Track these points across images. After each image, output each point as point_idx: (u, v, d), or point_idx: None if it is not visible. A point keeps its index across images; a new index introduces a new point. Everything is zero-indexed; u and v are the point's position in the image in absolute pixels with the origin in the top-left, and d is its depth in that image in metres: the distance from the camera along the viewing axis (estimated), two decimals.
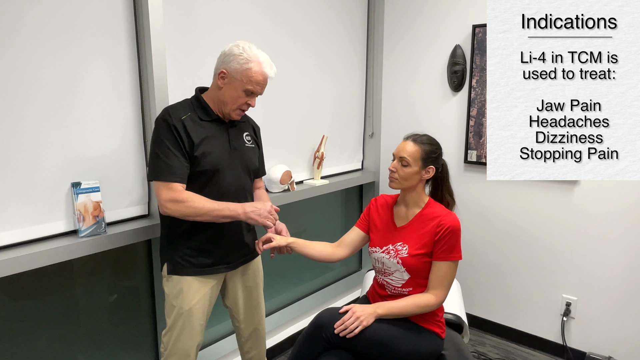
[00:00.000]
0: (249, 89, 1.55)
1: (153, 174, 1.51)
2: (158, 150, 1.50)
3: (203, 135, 1.56)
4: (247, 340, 1.86)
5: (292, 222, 1.85)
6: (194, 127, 1.54)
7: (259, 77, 1.55)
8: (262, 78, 1.56)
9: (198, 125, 1.56)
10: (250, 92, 1.56)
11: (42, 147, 1.55)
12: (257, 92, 1.58)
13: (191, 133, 1.52)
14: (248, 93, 1.56)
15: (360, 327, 1.49)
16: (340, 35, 2.82)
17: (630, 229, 2.31)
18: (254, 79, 1.54)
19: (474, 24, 2.62)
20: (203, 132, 1.56)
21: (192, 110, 1.58)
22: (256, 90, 1.57)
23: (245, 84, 1.54)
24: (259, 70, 1.54)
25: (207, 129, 1.58)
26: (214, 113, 1.61)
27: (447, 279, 1.60)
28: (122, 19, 1.72)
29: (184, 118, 1.54)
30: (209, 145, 1.56)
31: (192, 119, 1.56)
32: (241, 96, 1.56)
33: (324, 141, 2.68)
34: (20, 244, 1.55)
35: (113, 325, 1.97)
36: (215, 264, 1.64)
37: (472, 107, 2.69)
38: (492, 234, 2.76)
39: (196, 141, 1.53)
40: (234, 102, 1.57)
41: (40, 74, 1.52)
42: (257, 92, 1.58)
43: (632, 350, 2.36)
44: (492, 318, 2.84)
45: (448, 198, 1.74)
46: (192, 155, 1.53)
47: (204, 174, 1.56)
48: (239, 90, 1.55)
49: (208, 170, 1.55)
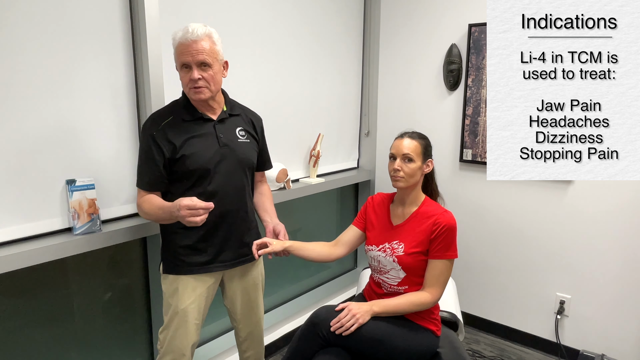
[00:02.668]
0: (180, 62, 1.50)
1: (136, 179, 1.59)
2: (138, 156, 1.58)
3: (186, 136, 1.54)
4: (244, 340, 1.86)
5: (287, 220, 1.84)
6: (176, 130, 1.52)
7: (183, 48, 1.48)
8: (186, 45, 1.47)
9: (180, 127, 1.54)
10: (185, 65, 1.50)
11: (37, 144, 1.54)
12: (189, 61, 1.48)
13: (172, 137, 1.51)
14: (183, 67, 1.51)
15: (356, 325, 1.49)
16: (336, 34, 2.82)
17: (623, 228, 2.33)
18: (179, 50, 1.49)
19: (470, 23, 2.63)
20: (186, 133, 1.54)
21: (177, 112, 1.57)
22: (187, 61, 1.48)
23: (178, 62, 1.51)
24: (182, 41, 1.48)
25: (192, 129, 1.56)
26: (198, 112, 1.58)
27: (442, 277, 1.60)
28: (118, 18, 1.71)
29: (165, 123, 1.53)
30: (194, 145, 1.54)
31: (175, 121, 1.55)
32: (183, 76, 1.52)
33: (320, 139, 2.68)
34: (14, 241, 1.53)
35: (108, 323, 1.95)
36: (209, 263, 1.63)
37: (467, 106, 2.69)
38: (487, 233, 2.77)
39: (178, 143, 1.52)
40: (185, 85, 1.54)
41: (35, 71, 1.50)
42: (188, 62, 1.48)
43: (625, 348, 2.39)
44: (486, 316, 2.85)
45: (435, 190, 1.77)
46: (175, 158, 1.52)
47: (191, 175, 1.54)
48: (180, 71, 1.53)
49: (195, 170, 1.53)
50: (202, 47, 1.48)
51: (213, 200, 1.57)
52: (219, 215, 1.59)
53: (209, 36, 1.51)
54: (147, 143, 1.52)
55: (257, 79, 2.30)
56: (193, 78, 1.48)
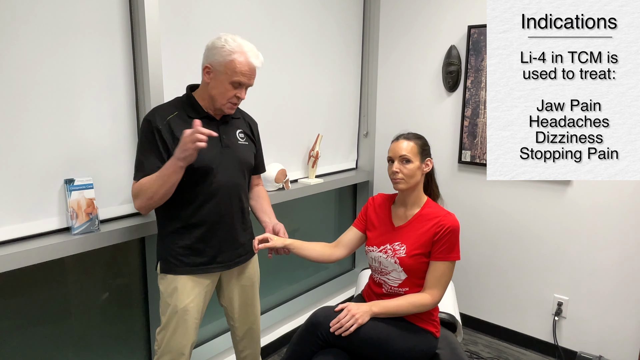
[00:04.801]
0: (235, 80, 1.51)
1: (134, 174, 1.55)
2: (137, 150, 1.55)
3: None
4: (241, 339, 1.85)
5: (286, 221, 1.84)
6: (181, 126, 1.51)
7: (244, 68, 1.51)
8: (248, 68, 1.52)
9: (186, 124, 1.53)
10: (238, 83, 1.52)
11: (35, 143, 1.53)
12: (245, 83, 1.54)
13: (177, 133, 1.50)
14: (235, 85, 1.53)
15: (355, 325, 1.49)
16: (335, 34, 2.82)
17: (622, 230, 2.33)
18: (239, 70, 1.50)
19: (470, 24, 2.63)
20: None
21: (181, 108, 1.57)
22: (243, 82, 1.53)
23: (231, 76, 1.51)
24: (244, 61, 1.50)
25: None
26: (203, 110, 1.59)
27: (444, 279, 1.60)
28: (117, 15, 1.70)
29: (170, 118, 1.53)
30: None
31: (180, 117, 1.54)
32: (229, 89, 1.53)
33: (318, 140, 2.67)
34: (12, 240, 1.52)
35: (106, 323, 1.94)
36: (208, 263, 1.62)
37: (466, 108, 2.70)
38: (485, 234, 2.77)
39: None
40: (223, 97, 1.54)
41: (33, 70, 1.50)
42: (244, 84, 1.54)
43: (623, 349, 2.39)
44: (484, 317, 2.85)
45: (435, 190, 1.77)
46: None
47: (193, 172, 1.53)
48: (226, 83, 1.52)
49: (198, 168, 1.53)
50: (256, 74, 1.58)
51: (213, 200, 1.57)
52: (218, 215, 1.60)
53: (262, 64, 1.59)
54: (151, 136, 1.51)
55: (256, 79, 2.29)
56: (242, 97, 1.57)
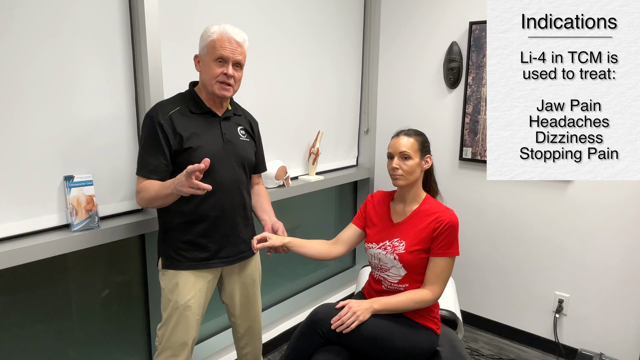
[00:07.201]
0: (217, 56, 1.51)
1: (136, 168, 1.56)
2: (140, 146, 1.56)
3: (193, 129, 1.55)
4: (242, 336, 1.86)
5: (286, 218, 1.84)
6: (183, 121, 1.53)
7: (224, 42, 1.51)
8: (227, 41, 1.51)
9: (188, 119, 1.55)
10: (220, 58, 1.52)
11: (35, 140, 1.53)
12: (227, 56, 1.52)
13: (179, 128, 1.52)
14: (219, 61, 1.52)
15: (356, 322, 1.49)
16: (336, 31, 2.81)
17: (623, 227, 2.33)
18: (218, 45, 1.51)
19: (471, 20, 2.62)
20: (193, 125, 1.56)
21: (183, 103, 1.58)
22: (225, 55, 1.51)
23: (213, 54, 1.51)
24: (222, 36, 1.51)
25: (198, 122, 1.57)
26: (205, 105, 1.60)
27: (444, 275, 1.60)
28: (117, 13, 1.70)
29: (172, 113, 1.53)
30: (200, 138, 1.55)
31: (182, 113, 1.55)
32: (214, 68, 1.53)
33: (319, 137, 2.67)
34: (11, 237, 1.52)
35: (106, 319, 1.95)
36: (210, 259, 1.63)
37: (467, 104, 2.69)
38: (486, 232, 2.77)
39: (185, 135, 1.52)
40: (212, 78, 1.54)
41: (33, 67, 1.49)
42: (226, 57, 1.52)
43: (624, 346, 2.39)
44: (485, 315, 2.86)
45: (434, 186, 1.76)
46: (182, 149, 1.52)
47: None
48: (210, 63, 1.53)
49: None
50: (242, 49, 1.56)
51: (215, 195, 1.58)
52: (220, 210, 1.61)
53: (246, 42, 1.59)
54: (153, 131, 1.51)
55: (257, 77, 2.29)
56: (228, 73, 1.53)
